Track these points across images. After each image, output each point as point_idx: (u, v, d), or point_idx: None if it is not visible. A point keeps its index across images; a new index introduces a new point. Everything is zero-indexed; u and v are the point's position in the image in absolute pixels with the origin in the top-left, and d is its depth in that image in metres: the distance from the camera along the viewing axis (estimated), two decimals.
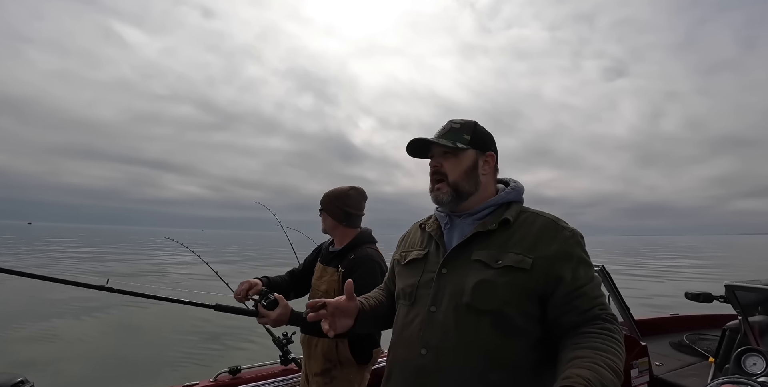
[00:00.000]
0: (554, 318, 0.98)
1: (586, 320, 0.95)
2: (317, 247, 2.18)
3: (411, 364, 1.04)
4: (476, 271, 1.02)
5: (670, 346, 2.38)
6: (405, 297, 1.14)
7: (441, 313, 1.03)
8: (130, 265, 15.67)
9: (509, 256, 1.00)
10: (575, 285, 0.97)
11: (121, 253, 23.66)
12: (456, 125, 1.14)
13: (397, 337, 1.13)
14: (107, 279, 1.46)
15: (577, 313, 0.95)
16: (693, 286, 12.08)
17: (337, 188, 1.99)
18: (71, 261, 17.71)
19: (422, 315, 1.06)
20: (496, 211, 1.11)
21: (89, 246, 33.27)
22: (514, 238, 1.04)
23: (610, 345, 0.88)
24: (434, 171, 1.14)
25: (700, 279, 15.29)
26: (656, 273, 17.22)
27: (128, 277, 11.58)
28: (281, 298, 1.58)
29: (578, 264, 1.00)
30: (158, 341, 5.93)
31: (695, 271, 19.20)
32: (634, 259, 26.35)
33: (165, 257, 20.36)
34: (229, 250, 31.21)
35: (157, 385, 2.18)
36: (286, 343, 2.27)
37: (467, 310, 0.99)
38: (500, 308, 0.97)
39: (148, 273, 13.48)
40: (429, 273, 1.10)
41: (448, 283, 1.05)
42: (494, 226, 1.06)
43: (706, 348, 2.21)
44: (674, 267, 21.24)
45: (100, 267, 15.29)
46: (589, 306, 0.96)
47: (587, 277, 0.99)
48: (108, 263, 15.64)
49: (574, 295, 0.96)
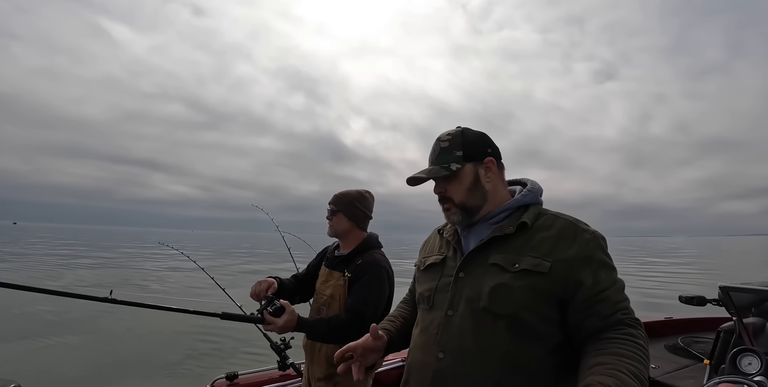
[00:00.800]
0: (575, 323, 0.96)
1: (609, 325, 0.92)
2: (322, 251, 2.15)
3: (428, 368, 1.04)
4: (493, 274, 1.01)
5: (665, 348, 2.41)
6: (424, 301, 1.16)
7: (458, 317, 1.03)
8: (125, 271, 15.40)
9: (526, 259, 0.99)
10: (597, 289, 0.95)
11: (114, 256, 23.29)
12: (444, 144, 1.12)
13: (415, 341, 1.14)
14: (110, 290, 1.43)
15: (599, 317, 0.93)
16: (681, 288, 12.21)
17: (351, 190, 1.97)
18: (61, 266, 17.38)
19: (439, 319, 1.07)
20: (514, 214, 1.10)
21: (81, 246, 32.76)
22: (532, 241, 1.02)
23: (633, 351, 0.85)
24: (440, 197, 1.15)
25: (688, 281, 15.50)
26: (645, 275, 17.40)
27: (127, 286, 11.34)
28: (287, 305, 1.56)
29: (599, 267, 0.97)
30: (153, 347, 5.85)
31: (684, 273, 19.46)
32: (626, 262, 26.59)
33: (159, 262, 20.11)
34: (221, 252, 30.87)
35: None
36: (284, 348, 2.25)
37: (484, 314, 0.99)
38: (517, 312, 0.96)
39: (144, 279, 13.24)
40: (446, 277, 1.11)
41: (465, 287, 1.05)
42: (512, 229, 1.04)
43: (700, 350, 2.24)
44: (663, 269, 21.50)
45: (95, 272, 15.00)
46: (611, 311, 0.93)
47: (609, 281, 0.97)
48: (103, 269, 15.32)
49: (596, 300, 0.94)
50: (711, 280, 15.27)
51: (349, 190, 1.97)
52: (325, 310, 1.82)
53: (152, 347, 5.84)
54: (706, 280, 15.97)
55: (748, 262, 27.39)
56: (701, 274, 18.45)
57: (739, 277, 12.59)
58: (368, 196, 1.98)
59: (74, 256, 22.66)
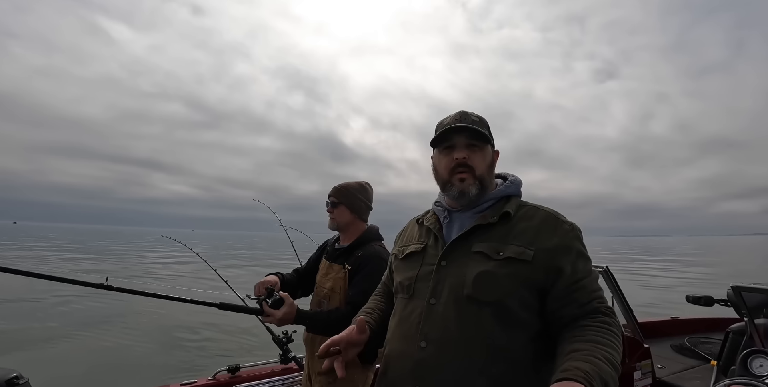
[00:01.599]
0: (553, 311, 0.99)
1: (585, 313, 0.96)
2: (322, 244, 2.14)
3: (409, 358, 1.02)
4: (477, 262, 1.02)
5: (671, 348, 2.39)
6: (403, 290, 1.13)
7: (441, 306, 1.02)
8: (125, 265, 15.39)
9: (510, 247, 1.00)
10: (574, 278, 0.98)
11: (114, 252, 23.31)
12: (475, 118, 1.11)
13: (394, 331, 1.12)
14: (106, 277, 1.42)
15: (576, 306, 0.97)
16: (684, 289, 12.17)
17: (350, 182, 1.95)
18: (60, 260, 17.43)
19: (421, 308, 1.05)
20: (496, 205, 1.11)
21: (78, 244, 32.85)
22: (515, 230, 1.04)
23: (608, 338, 0.89)
24: (460, 163, 1.09)
25: (691, 281, 15.42)
26: (648, 275, 17.33)
27: (127, 278, 11.35)
28: (287, 297, 1.55)
29: (577, 257, 1.01)
30: (155, 339, 5.84)
31: (686, 273, 19.38)
32: (624, 262, 26.53)
33: (160, 255, 20.15)
34: (225, 251, 30.92)
35: (155, 383, 2.14)
36: (286, 341, 2.23)
37: (468, 302, 0.99)
38: (501, 299, 0.97)
39: (145, 272, 13.24)
40: (428, 265, 1.10)
41: (448, 276, 1.04)
42: (495, 218, 1.06)
43: (707, 351, 2.23)
44: (665, 269, 21.43)
45: (95, 265, 15.02)
46: (587, 299, 0.97)
47: (586, 271, 1.01)
48: (102, 263, 15.32)
49: (573, 288, 0.98)
50: (713, 280, 15.21)
51: (349, 181, 1.95)
52: (325, 303, 1.81)
53: (153, 340, 5.82)
54: (708, 280, 15.91)
55: (750, 262, 27.32)
56: (703, 274, 18.38)
57: (742, 277, 12.51)
58: (368, 187, 1.97)
59: (73, 252, 22.70)
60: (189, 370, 4.65)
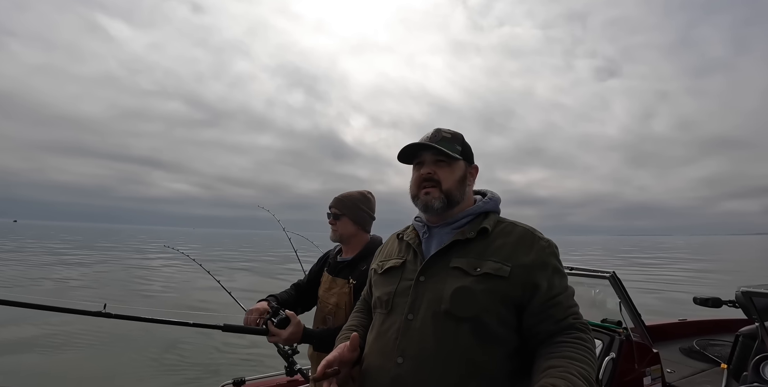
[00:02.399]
0: (530, 327, 1.00)
1: (561, 329, 0.98)
2: (323, 256, 2.06)
3: (385, 374, 1.01)
4: (454, 278, 1.02)
5: (680, 352, 2.37)
6: (381, 305, 1.13)
7: (419, 321, 1.02)
8: (126, 273, 15.21)
9: (487, 263, 1.02)
10: (550, 294, 1.00)
11: (116, 257, 23.17)
12: (447, 135, 1.16)
13: (371, 346, 1.11)
14: (104, 304, 1.38)
15: (552, 322, 0.98)
16: (688, 289, 12.04)
17: (352, 192, 1.88)
18: (59, 265, 17.31)
19: (399, 323, 1.05)
20: (474, 220, 1.13)
21: (81, 244, 32.67)
22: (492, 246, 1.06)
23: (583, 354, 0.91)
24: (427, 178, 1.14)
25: (695, 282, 15.31)
26: (651, 276, 17.18)
27: (127, 292, 11.02)
28: (293, 316, 1.50)
29: (553, 274, 1.03)
30: (159, 351, 5.74)
31: (688, 272, 19.30)
32: (625, 262, 26.43)
33: (161, 264, 20.03)
34: (227, 252, 30.77)
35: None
36: (291, 353, 2.20)
37: (445, 318, 0.99)
38: (479, 315, 0.98)
39: (146, 282, 13.02)
40: (406, 281, 1.10)
41: (426, 291, 1.05)
42: (473, 234, 1.08)
43: (717, 354, 2.20)
44: (669, 270, 21.34)
45: (94, 273, 14.84)
46: (563, 315, 0.99)
47: (561, 287, 1.03)
48: (102, 273, 15.11)
49: (549, 304, 1.00)
50: (716, 280, 15.12)
51: (351, 191, 1.88)
52: (330, 319, 1.75)
53: (158, 352, 5.71)
54: (709, 280, 15.84)
55: (751, 262, 27.23)
56: (706, 274, 18.28)
57: (748, 278, 12.45)
58: (371, 196, 1.90)
59: (73, 255, 22.57)
60: (193, 383, 4.57)
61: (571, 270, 2.29)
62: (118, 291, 11.05)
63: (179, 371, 4.99)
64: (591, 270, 2.24)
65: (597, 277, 2.19)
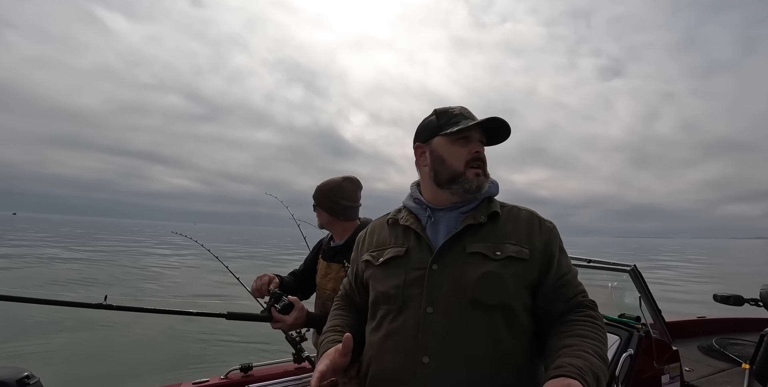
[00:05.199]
0: (543, 306, 0.99)
1: (572, 308, 0.98)
2: (317, 244, 2.07)
3: (409, 376, 0.92)
4: (476, 263, 0.97)
5: (698, 350, 2.32)
6: (389, 301, 1.02)
7: (441, 314, 0.94)
8: (130, 260, 15.20)
9: (507, 247, 0.99)
10: (560, 273, 1.01)
11: (118, 246, 23.23)
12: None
13: (380, 347, 1.00)
14: (105, 295, 1.36)
15: (563, 301, 0.98)
16: (698, 288, 11.87)
17: (329, 180, 1.88)
18: (58, 259, 17.31)
19: (417, 318, 0.95)
20: (481, 205, 1.09)
21: (81, 237, 32.86)
22: (505, 230, 1.03)
23: (595, 332, 0.91)
24: (477, 158, 1.07)
25: (700, 282, 15.19)
26: (664, 277, 16.94)
27: (130, 280, 11.00)
28: (296, 301, 1.48)
29: (561, 253, 1.04)
30: (168, 337, 5.75)
31: (693, 275, 19.16)
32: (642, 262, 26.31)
33: (164, 253, 20.05)
34: (230, 246, 30.83)
35: (168, 381, 2.11)
36: (299, 340, 2.17)
37: (472, 307, 0.93)
38: (507, 301, 0.94)
39: (151, 269, 13.00)
40: (415, 271, 1.01)
41: (444, 280, 0.97)
42: (484, 218, 1.03)
43: (737, 353, 2.15)
44: (678, 271, 21.23)
45: (95, 264, 14.84)
46: (573, 294, 0.99)
47: (568, 266, 1.04)
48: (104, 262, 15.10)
49: (560, 284, 1.00)
50: (726, 282, 14.96)
51: (330, 179, 1.89)
52: (330, 304, 1.75)
53: (166, 337, 5.73)
54: (719, 282, 15.71)
55: (757, 266, 27.10)
56: (716, 276, 18.08)
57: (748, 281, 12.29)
58: (347, 184, 1.86)
59: (74, 247, 22.63)
60: (201, 369, 4.57)
61: (589, 262, 2.23)
62: (121, 282, 11.02)
63: (187, 357, 5.01)
64: (611, 263, 2.18)
65: (617, 271, 2.13)
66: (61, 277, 11.36)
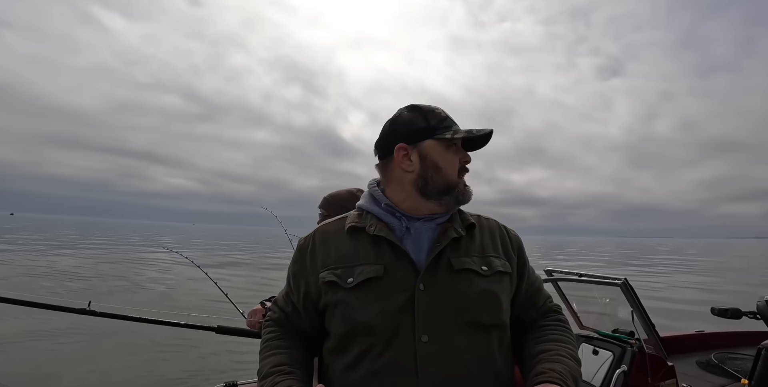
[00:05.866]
0: (517, 315, 1.01)
1: (543, 314, 1.02)
2: None
3: None
4: (467, 281, 0.89)
5: (697, 365, 2.27)
6: (372, 332, 0.85)
7: (439, 342, 0.83)
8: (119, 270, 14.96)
9: (492, 260, 0.95)
10: (530, 282, 1.03)
11: (109, 254, 23.04)
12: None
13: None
14: (89, 301, 1.28)
15: (535, 309, 1.03)
16: (696, 296, 11.66)
17: (340, 191, 1.84)
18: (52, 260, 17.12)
19: (412, 350, 0.82)
20: (453, 215, 1.01)
21: (80, 238, 32.64)
22: (482, 241, 0.98)
23: (567, 335, 0.96)
24: (465, 168, 1.01)
25: (701, 287, 15.03)
26: (659, 284, 16.69)
27: (116, 292, 10.37)
28: None
29: (527, 262, 1.06)
30: (150, 354, 5.49)
31: (691, 277, 19.00)
32: (627, 266, 26.21)
33: (155, 256, 19.88)
34: (227, 250, 30.70)
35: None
36: None
37: (471, 330, 0.86)
38: (503, 319, 0.93)
39: (138, 280, 12.72)
40: (400, 293, 0.86)
41: (436, 303, 0.85)
42: (463, 231, 0.97)
43: (736, 368, 2.10)
44: (668, 274, 21.15)
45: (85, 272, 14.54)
46: (542, 300, 1.04)
47: (535, 273, 1.08)
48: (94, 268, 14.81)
49: (531, 292, 1.03)
50: (727, 288, 14.82)
51: (339, 191, 1.86)
52: None
53: (149, 354, 5.48)
54: (716, 285, 15.57)
55: (756, 267, 27.01)
56: (711, 281, 17.92)
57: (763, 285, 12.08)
58: (359, 194, 1.85)
59: (68, 249, 22.46)
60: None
61: (581, 276, 2.18)
62: (110, 287, 10.72)
63: (170, 375, 4.83)
64: (601, 276, 2.13)
65: (608, 284, 2.08)
66: (51, 281, 11.11)
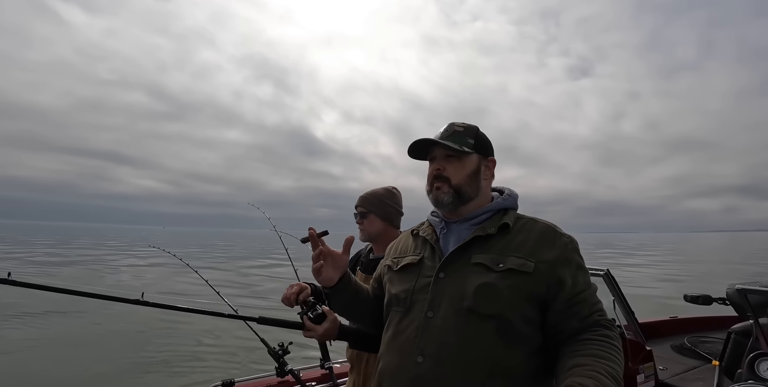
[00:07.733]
0: (554, 324, 0.98)
1: (586, 327, 0.96)
2: (355, 255, 2.00)
3: (405, 374, 0.99)
4: (477, 274, 1.00)
5: (671, 349, 2.42)
6: (399, 303, 1.11)
7: (439, 319, 1.00)
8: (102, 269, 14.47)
9: (510, 259, 0.99)
10: (575, 291, 0.98)
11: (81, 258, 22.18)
12: (459, 128, 1.14)
13: (388, 345, 1.10)
14: (142, 292, 1.39)
15: (577, 319, 0.96)
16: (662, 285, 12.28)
17: (377, 189, 1.87)
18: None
19: (418, 321, 1.03)
20: (494, 216, 1.11)
21: (56, 244, 31.30)
22: (514, 242, 1.04)
23: (609, 352, 0.88)
24: (436, 175, 1.12)
25: (669, 278, 15.72)
26: (631, 274, 17.34)
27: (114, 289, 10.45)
28: (329, 312, 1.44)
29: (577, 270, 1.01)
30: (146, 352, 5.43)
31: (661, 270, 19.82)
32: (605, 258, 27.07)
33: (131, 261, 19.29)
34: (209, 252, 29.99)
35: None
36: (282, 353, 2.13)
37: (467, 315, 0.97)
38: (502, 312, 0.95)
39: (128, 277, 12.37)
40: (425, 277, 1.08)
41: (447, 288, 1.02)
42: (493, 230, 1.05)
43: (708, 350, 2.25)
44: (638, 266, 22.00)
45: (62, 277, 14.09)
46: (588, 312, 0.97)
47: (586, 283, 1.01)
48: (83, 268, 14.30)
49: (574, 301, 0.97)
50: (695, 277, 15.53)
51: (376, 188, 1.88)
52: None
53: (144, 352, 5.42)
54: (681, 275, 16.29)
55: (715, 257, 28.42)
56: (678, 271, 18.75)
57: (712, 273, 12.80)
58: (396, 192, 1.89)
59: (35, 254, 21.50)
60: (181, 385, 4.41)
61: None
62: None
63: (165, 372, 4.77)
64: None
65: (591, 275, 2.19)
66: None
